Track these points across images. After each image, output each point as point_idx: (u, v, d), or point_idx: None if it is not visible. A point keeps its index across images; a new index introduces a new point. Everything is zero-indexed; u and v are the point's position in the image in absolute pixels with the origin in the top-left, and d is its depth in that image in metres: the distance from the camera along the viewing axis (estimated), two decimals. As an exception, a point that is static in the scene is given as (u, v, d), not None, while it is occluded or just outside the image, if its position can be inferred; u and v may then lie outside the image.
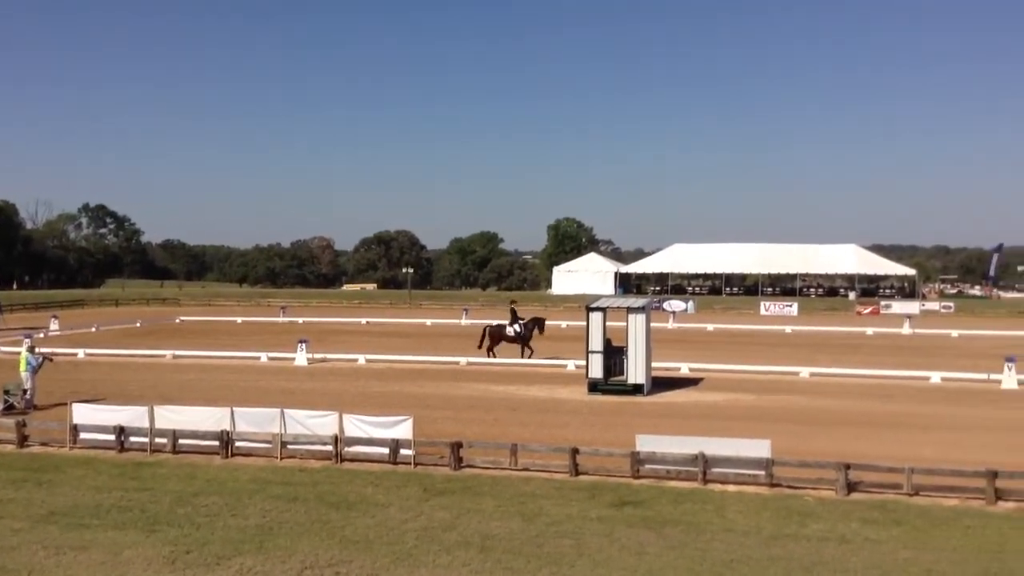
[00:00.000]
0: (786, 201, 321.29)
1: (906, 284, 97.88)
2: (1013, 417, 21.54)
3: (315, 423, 16.80)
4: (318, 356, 33.17)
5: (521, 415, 21.39)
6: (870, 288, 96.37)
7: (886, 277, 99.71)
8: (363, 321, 57.14)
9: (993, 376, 27.40)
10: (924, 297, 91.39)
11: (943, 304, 76.99)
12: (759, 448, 14.77)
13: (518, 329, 32.99)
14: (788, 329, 50.83)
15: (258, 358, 33.36)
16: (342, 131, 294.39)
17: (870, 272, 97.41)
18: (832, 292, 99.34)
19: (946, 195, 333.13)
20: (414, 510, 13.02)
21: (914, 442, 18.12)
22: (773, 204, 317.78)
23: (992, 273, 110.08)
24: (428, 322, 56.59)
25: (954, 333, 48.57)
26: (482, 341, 32.94)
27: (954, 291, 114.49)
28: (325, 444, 16.41)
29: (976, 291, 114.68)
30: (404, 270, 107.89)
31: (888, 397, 24.67)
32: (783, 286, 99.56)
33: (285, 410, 17.07)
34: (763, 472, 14.42)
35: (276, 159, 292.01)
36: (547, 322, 34.48)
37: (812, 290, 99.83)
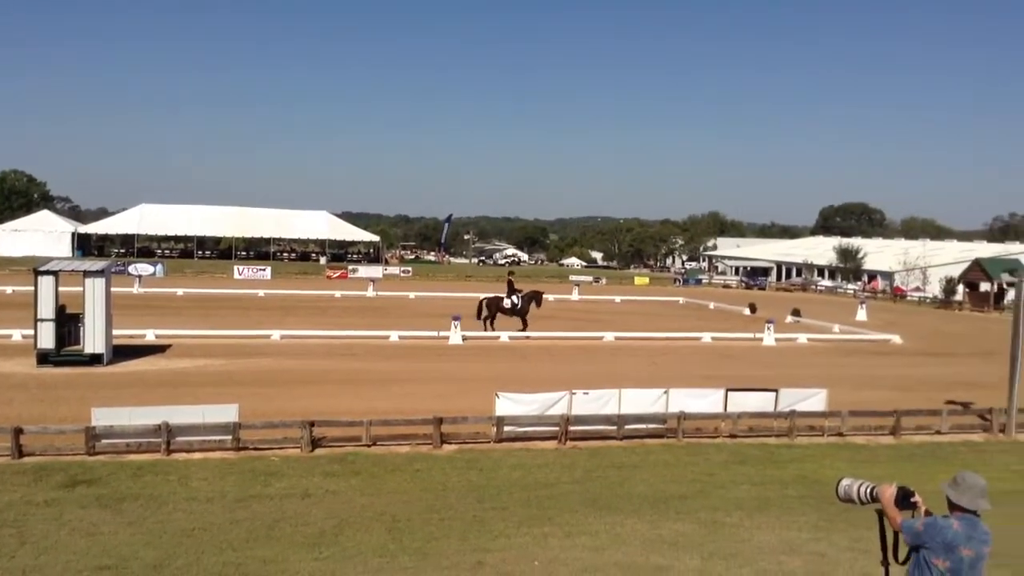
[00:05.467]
0: (259, 166, 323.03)
1: (372, 250, 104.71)
2: (456, 368, 24.36)
3: None
4: None
5: (-51, 395, 18.40)
6: (340, 253, 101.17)
7: (354, 243, 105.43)
8: None
9: (442, 333, 30.61)
10: (387, 262, 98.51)
11: (403, 269, 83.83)
12: (226, 413, 14.64)
13: (515, 301, 32.59)
14: (261, 293, 51.12)
15: None
16: None
17: (340, 238, 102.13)
18: (305, 256, 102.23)
19: (405, 170, 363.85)
20: None
21: (374, 396, 19.46)
22: (245, 168, 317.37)
23: (444, 240, 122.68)
24: None
25: (411, 295, 53.22)
26: (479, 312, 32.29)
27: (412, 257, 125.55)
28: None
29: (431, 257, 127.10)
30: None
31: (352, 355, 26.18)
32: (258, 250, 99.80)
33: None
34: (230, 437, 14.31)
35: None
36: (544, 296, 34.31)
37: (286, 254, 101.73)
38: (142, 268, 63.98)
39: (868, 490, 5.48)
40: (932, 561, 5.28)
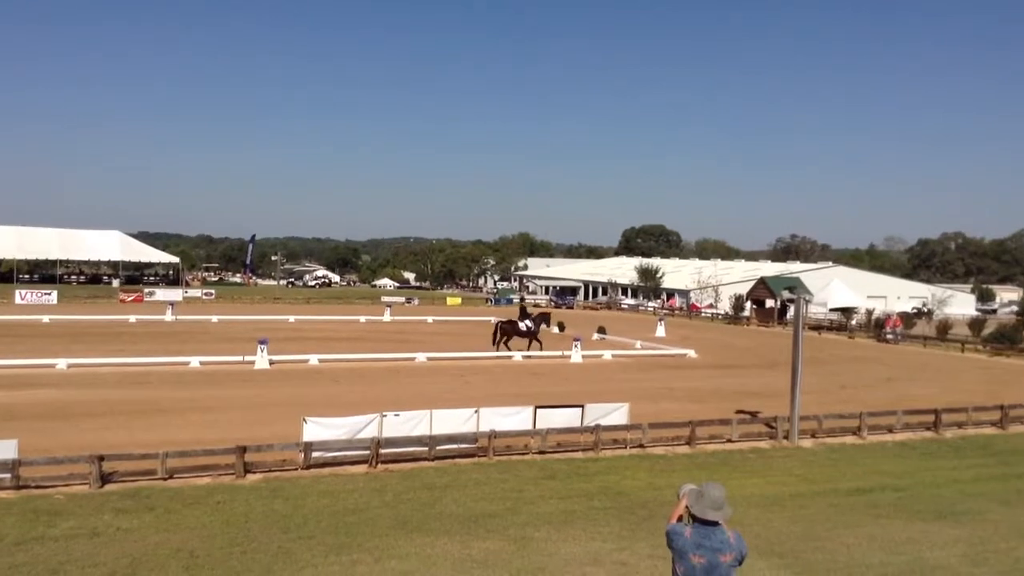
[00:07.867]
0: (44, 183, 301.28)
1: (171, 271, 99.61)
2: (262, 394, 23.51)
3: None
4: None
5: None
6: (135, 275, 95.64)
7: (151, 264, 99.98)
8: None
9: (248, 358, 29.51)
10: (188, 284, 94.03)
11: (205, 291, 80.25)
12: (4, 449, 13.46)
13: (529, 324, 35.62)
14: (46, 319, 47.42)
15: None
16: None
17: (135, 259, 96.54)
18: (96, 279, 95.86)
19: (207, 189, 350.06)
20: None
21: (172, 426, 18.47)
22: (27, 185, 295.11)
23: (249, 262, 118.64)
24: None
25: (214, 318, 50.97)
26: (495, 337, 35.18)
27: (216, 278, 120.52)
28: None
29: (236, 278, 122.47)
30: None
31: (146, 384, 24.72)
32: (43, 272, 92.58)
33: None
34: (8, 475, 13.15)
35: None
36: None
37: (74, 277, 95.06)
38: (-95, 293, 57.77)
39: (681, 491, 6.05)
40: (675, 565, 5.73)
